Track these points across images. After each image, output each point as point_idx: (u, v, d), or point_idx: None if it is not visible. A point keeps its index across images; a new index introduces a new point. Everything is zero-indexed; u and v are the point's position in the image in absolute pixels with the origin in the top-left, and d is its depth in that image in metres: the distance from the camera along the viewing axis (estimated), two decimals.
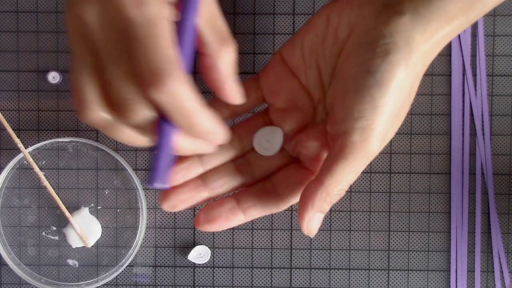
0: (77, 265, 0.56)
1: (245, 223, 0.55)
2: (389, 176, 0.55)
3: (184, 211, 0.55)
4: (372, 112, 0.37)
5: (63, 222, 0.55)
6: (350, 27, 0.39)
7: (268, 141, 0.43)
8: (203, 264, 0.56)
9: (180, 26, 0.35)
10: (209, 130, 0.36)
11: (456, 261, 0.55)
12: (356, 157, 0.37)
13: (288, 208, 0.55)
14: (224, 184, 0.42)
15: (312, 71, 0.41)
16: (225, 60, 0.37)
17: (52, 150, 0.55)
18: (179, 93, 0.33)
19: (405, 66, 0.36)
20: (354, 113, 0.37)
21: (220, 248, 0.56)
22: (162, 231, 0.56)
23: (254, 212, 0.42)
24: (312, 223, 0.39)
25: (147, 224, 0.55)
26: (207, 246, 0.55)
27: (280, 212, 0.55)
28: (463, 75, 0.54)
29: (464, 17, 0.37)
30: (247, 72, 0.54)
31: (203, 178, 0.42)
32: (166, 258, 0.56)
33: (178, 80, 0.33)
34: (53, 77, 0.54)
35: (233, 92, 0.38)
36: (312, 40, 0.41)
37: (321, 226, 0.55)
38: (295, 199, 0.42)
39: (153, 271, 0.56)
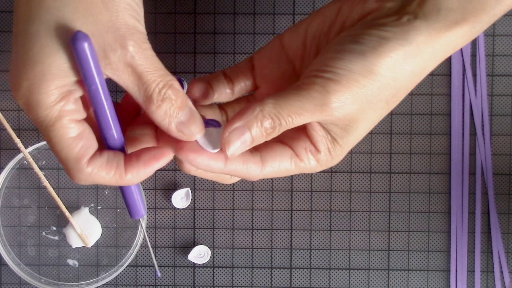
0: (77, 265, 0.56)
1: (245, 222, 0.55)
2: (389, 176, 0.55)
3: (183, 211, 0.55)
4: (342, 72, 0.36)
5: (63, 222, 0.55)
6: (360, 18, 0.38)
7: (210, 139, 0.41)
8: (203, 264, 0.56)
9: (90, 98, 0.36)
10: (144, 177, 0.38)
11: (456, 261, 0.55)
12: (307, 97, 0.36)
13: (288, 208, 0.55)
14: None
15: (310, 58, 0.41)
16: (158, 114, 0.37)
17: None
18: (96, 178, 0.37)
19: (397, 58, 0.36)
20: (326, 67, 0.36)
21: (220, 248, 0.56)
22: (162, 231, 0.56)
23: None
24: (233, 135, 0.37)
25: (147, 224, 0.55)
26: (207, 246, 0.55)
27: (280, 212, 0.55)
28: (463, 75, 0.54)
29: (469, 28, 0.37)
30: None
31: None
32: (166, 258, 0.56)
33: (87, 173, 0.36)
34: None
35: (181, 136, 0.38)
36: (317, 27, 0.40)
37: (321, 226, 0.55)
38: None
39: (153, 271, 0.56)
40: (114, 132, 0.37)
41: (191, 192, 0.55)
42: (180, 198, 0.55)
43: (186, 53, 0.54)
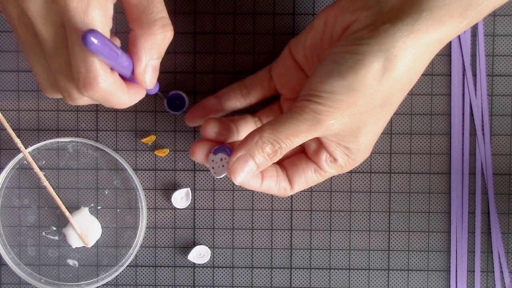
0: (77, 265, 0.56)
1: (245, 222, 0.55)
2: (389, 176, 0.55)
3: (183, 211, 0.55)
4: (326, 95, 0.38)
5: (63, 222, 0.55)
6: (343, 30, 0.40)
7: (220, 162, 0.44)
8: (203, 264, 0.56)
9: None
10: (136, 100, 0.42)
11: (456, 261, 0.55)
12: (300, 119, 0.39)
13: (288, 208, 0.55)
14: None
15: (314, 67, 0.44)
16: (151, 39, 0.40)
17: (52, 150, 0.55)
18: (105, 93, 0.38)
19: (375, 71, 0.37)
20: (313, 91, 0.39)
21: (220, 248, 0.56)
22: (162, 231, 0.56)
23: None
24: (237, 164, 0.40)
25: (147, 224, 0.55)
26: (207, 246, 0.55)
27: (280, 212, 0.55)
28: (463, 75, 0.54)
29: (455, 24, 0.37)
30: (247, 72, 0.54)
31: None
32: (166, 258, 0.56)
33: (101, 86, 0.37)
34: None
35: (138, 73, 0.41)
36: (311, 41, 0.44)
37: (321, 226, 0.55)
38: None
39: (153, 271, 0.56)
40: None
41: (191, 192, 0.55)
42: (180, 198, 0.55)
43: (186, 53, 0.54)
